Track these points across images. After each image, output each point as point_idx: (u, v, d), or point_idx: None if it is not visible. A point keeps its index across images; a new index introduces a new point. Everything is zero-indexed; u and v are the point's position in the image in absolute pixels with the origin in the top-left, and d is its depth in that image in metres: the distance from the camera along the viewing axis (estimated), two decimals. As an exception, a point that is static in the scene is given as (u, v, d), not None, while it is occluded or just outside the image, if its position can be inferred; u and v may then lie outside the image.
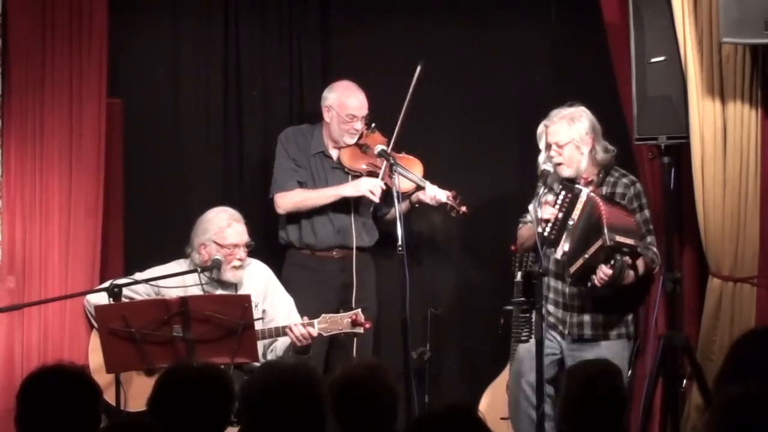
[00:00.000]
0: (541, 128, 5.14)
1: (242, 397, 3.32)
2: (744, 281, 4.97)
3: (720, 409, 2.86)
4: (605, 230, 4.82)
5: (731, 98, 4.88)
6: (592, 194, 4.94)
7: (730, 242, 4.96)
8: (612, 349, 5.06)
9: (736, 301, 4.98)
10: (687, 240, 5.21)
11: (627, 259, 4.91)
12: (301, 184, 5.67)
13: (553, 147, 5.07)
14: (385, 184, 5.57)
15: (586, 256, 4.88)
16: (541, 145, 5.13)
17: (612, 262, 4.86)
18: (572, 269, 4.95)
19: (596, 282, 4.91)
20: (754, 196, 4.93)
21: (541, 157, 5.11)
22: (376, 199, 5.56)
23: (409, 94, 5.56)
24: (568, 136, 5.05)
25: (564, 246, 4.95)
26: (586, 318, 5.13)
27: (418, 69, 5.56)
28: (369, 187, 5.56)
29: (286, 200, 5.64)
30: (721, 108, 4.91)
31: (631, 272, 4.94)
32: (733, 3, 4.61)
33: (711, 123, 4.91)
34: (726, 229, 4.95)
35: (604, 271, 4.88)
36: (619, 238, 4.85)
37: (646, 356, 5.23)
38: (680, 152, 5.08)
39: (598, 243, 4.84)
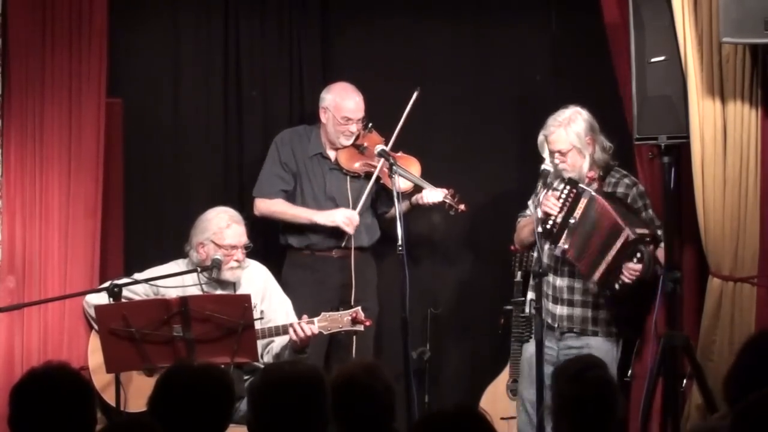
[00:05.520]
0: (540, 138, 5.14)
1: (249, 402, 3.32)
2: (744, 281, 4.96)
3: (740, 414, 2.83)
4: (624, 225, 4.83)
5: (731, 98, 4.88)
6: (594, 194, 4.95)
7: (730, 242, 4.95)
8: (600, 348, 5.06)
9: (736, 301, 4.97)
10: (687, 240, 5.20)
11: (651, 248, 4.91)
12: (286, 192, 5.67)
13: (557, 155, 5.07)
14: (384, 184, 5.58)
15: (609, 258, 4.89)
16: (545, 154, 5.12)
17: (638, 255, 4.86)
18: (596, 277, 4.95)
19: (626, 280, 4.91)
20: (754, 196, 4.92)
21: (545, 164, 5.10)
22: (351, 231, 5.56)
23: (404, 117, 5.57)
24: (569, 143, 5.05)
25: (564, 244, 4.96)
26: (577, 312, 5.13)
27: (415, 95, 5.58)
28: (343, 219, 5.56)
29: (265, 207, 5.67)
30: (721, 108, 4.90)
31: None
32: (733, 3, 4.60)
33: (711, 123, 4.90)
34: (726, 229, 4.94)
35: (633, 267, 4.88)
36: (639, 230, 4.86)
37: (646, 356, 5.22)
38: (680, 152, 5.07)
39: (621, 240, 4.85)
